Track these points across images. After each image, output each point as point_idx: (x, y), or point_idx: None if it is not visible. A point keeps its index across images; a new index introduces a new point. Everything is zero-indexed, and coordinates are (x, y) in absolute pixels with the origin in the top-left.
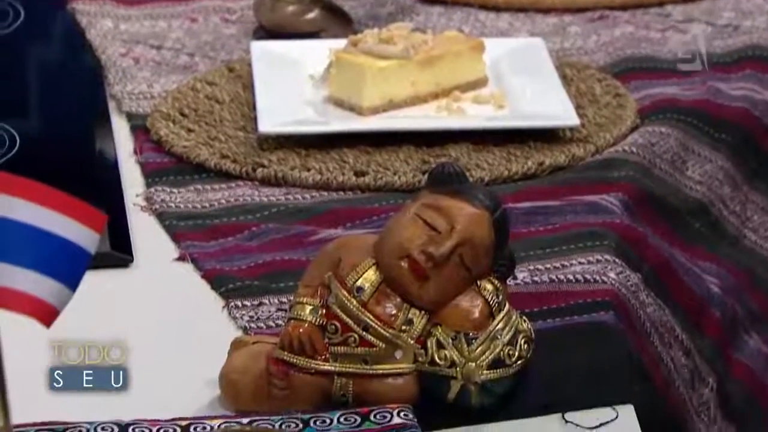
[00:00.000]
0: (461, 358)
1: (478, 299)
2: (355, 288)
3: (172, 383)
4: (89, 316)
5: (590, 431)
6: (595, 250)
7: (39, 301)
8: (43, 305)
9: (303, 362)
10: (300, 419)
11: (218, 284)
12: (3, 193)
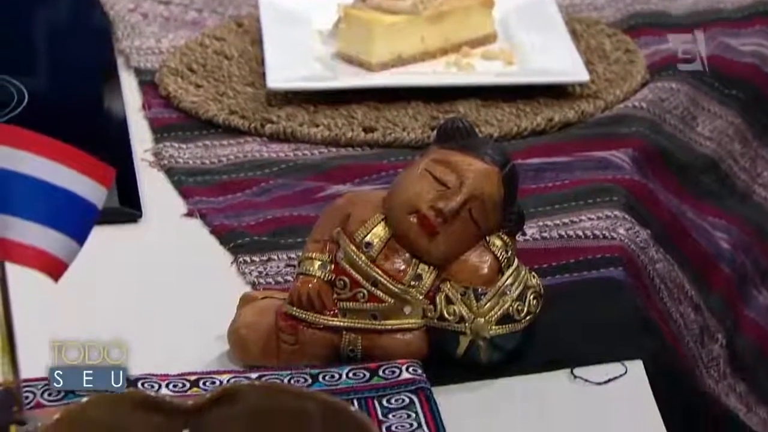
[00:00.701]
0: (470, 314)
1: (487, 255)
2: (364, 243)
3: (180, 338)
4: (97, 271)
5: (599, 386)
6: (604, 206)
7: (47, 255)
8: (51, 259)
9: (312, 317)
10: (309, 374)
11: (227, 240)
12: (11, 147)
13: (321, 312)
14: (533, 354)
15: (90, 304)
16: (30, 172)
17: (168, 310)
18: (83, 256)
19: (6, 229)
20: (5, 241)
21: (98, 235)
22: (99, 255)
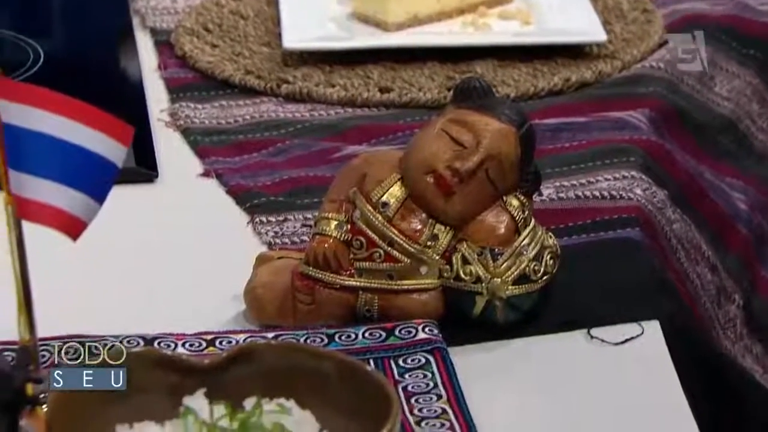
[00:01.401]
0: (486, 274)
1: (503, 215)
2: (381, 203)
3: (197, 298)
4: (114, 231)
5: (615, 347)
6: (621, 166)
7: (65, 214)
8: (70, 218)
9: (328, 277)
10: (325, 334)
11: (243, 200)
12: (29, 105)
13: (337, 272)
14: (550, 314)
15: (107, 264)
16: (48, 131)
17: (184, 269)
18: (100, 215)
19: (24, 188)
20: (23, 199)
21: (114, 195)
22: (115, 215)
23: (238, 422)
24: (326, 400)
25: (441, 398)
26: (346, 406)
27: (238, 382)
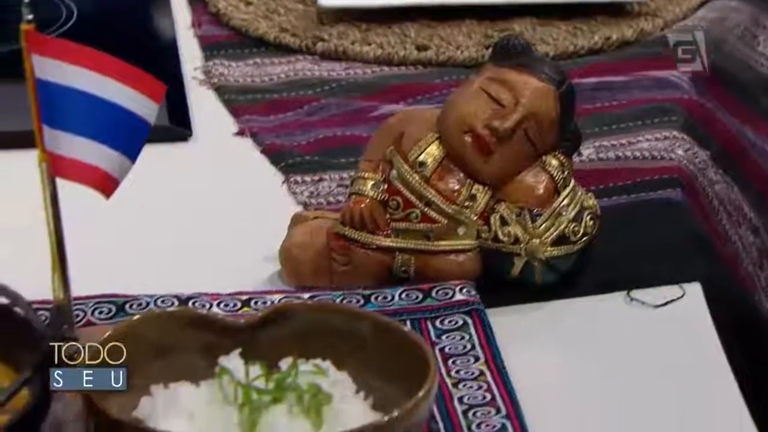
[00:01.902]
0: (525, 235)
1: (542, 175)
2: (418, 163)
3: (231, 258)
4: (149, 190)
5: (656, 309)
6: (662, 126)
7: (99, 171)
8: (103, 175)
9: (364, 238)
10: (361, 295)
11: (278, 159)
12: (62, 61)
13: (373, 232)
14: (589, 276)
15: (140, 223)
16: (81, 87)
17: (218, 229)
18: (134, 174)
19: (58, 145)
20: (57, 157)
21: (148, 153)
22: (149, 174)
23: (274, 382)
24: (363, 362)
25: (478, 360)
26: (382, 368)
27: (274, 342)
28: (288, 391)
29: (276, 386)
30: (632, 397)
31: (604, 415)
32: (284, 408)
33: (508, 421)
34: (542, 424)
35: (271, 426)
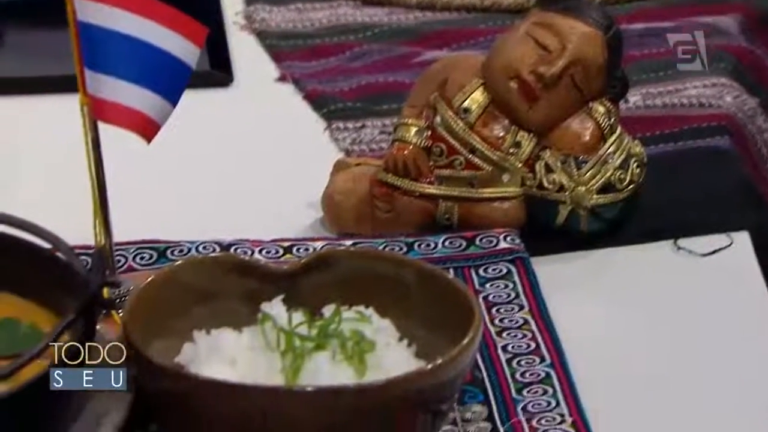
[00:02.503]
0: (570, 182)
1: (589, 122)
2: (462, 109)
3: (273, 204)
4: (190, 136)
5: (703, 258)
6: (710, 73)
7: (140, 115)
8: (145, 119)
9: (407, 185)
10: (404, 242)
11: (320, 105)
12: (105, 4)
13: (416, 179)
14: (635, 224)
15: (181, 168)
16: (123, 30)
17: (260, 176)
18: (174, 119)
19: (100, 89)
20: (99, 100)
21: (189, 99)
22: (190, 119)
23: (317, 329)
24: (406, 309)
25: (523, 309)
26: (426, 315)
27: (317, 289)
28: (331, 338)
29: (319, 333)
30: (678, 347)
31: (649, 365)
32: (327, 355)
33: (553, 370)
34: (587, 373)
35: (314, 373)
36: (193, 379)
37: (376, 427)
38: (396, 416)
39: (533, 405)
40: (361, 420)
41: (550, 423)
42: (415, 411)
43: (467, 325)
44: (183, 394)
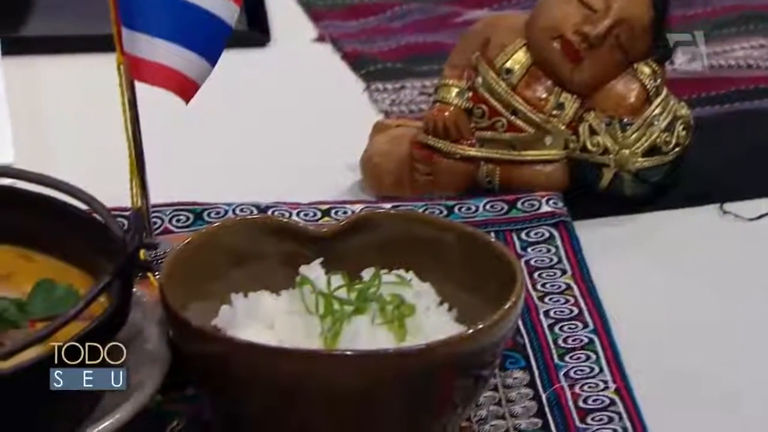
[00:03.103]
0: (615, 145)
1: (634, 83)
2: (504, 70)
3: (311, 167)
4: (228, 96)
5: (750, 222)
6: (758, 34)
7: (179, 75)
8: (183, 79)
9: (448, 147)
10: (444, 205)
11: (359, 66)
12: None
13: (457, 141)
14: (680, 188)
15: (218, 129)
16: None
17: (298, 138)
18: (213, 80)
19: (137, 48)
20: (136, 59)
21: (226, 59)
22: (228, 80)
23: (356, 292)
24: (446, 273)
25: (565, 273)
26: (467, 279)
27: (357, 252)
28: (370, 302)
29: (358, 296)
30: (723, 312)
31: (694, 330)
32: (366, 318)
33: (596, 336)
34: (630, 339)
35: (353, 337)
36: (231, 342)
37: (416, 391)
38: (436, 381)
39: (576, 371)
40: (401, 384)
41: (593, 389)
42: (456, 376)
43: (509, 290)
44: (220, 357)
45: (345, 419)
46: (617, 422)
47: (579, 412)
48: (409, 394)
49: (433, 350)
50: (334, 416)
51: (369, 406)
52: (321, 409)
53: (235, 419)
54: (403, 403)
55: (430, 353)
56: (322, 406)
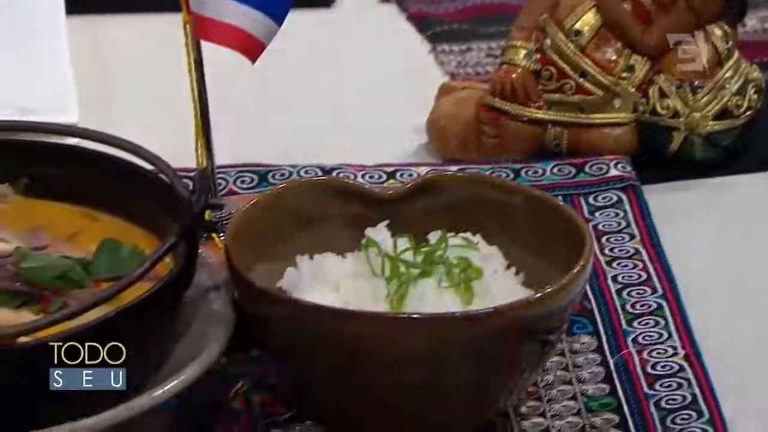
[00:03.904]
0: (685, 108)
1: (705, 45)
2: (573, 31)
3: (376, 129)
4: (293, 56)
5: None
6: None
7: (245, 35)
8: (249, 39)
9: (515, 109)
10: (511, 169)
11: (424, 27)
12: None
13: (525, 104)
14: (751, 151)
15: (283, 90)
16: None
17: (362, 99)
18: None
19: (203, 7)
20: (202, 18)
21: (291, 19)
22: (293, 41)
23: (423, 255)
24: (514, 236)
25: (634, 238)
26: (534, 243)
27: (423, 214)
28: (437, 265)
29: (425, 259)
30: None
31: (764, 296)
32: (433, 282)
33: (665, 302)
34: (699, 305)
35: (419, 300)
36: (296, 304)
37: (483, 355)
38: (503, 345)
39: (644, 337)
40: (467, 348)
41: (662, 355)
42: (523, 340)
43: (577, 254)
44: (285, 319)
45: (410, 383)
46: (686, 388)
47: (647, 378)
48: (475, 357)
49: (500, 314)
50: (399, 380)
51: (435, 369)
52: (386, 373)
53: (300, 381)
54: (470, 367)
55: (498, 317)
56: (387, 370)
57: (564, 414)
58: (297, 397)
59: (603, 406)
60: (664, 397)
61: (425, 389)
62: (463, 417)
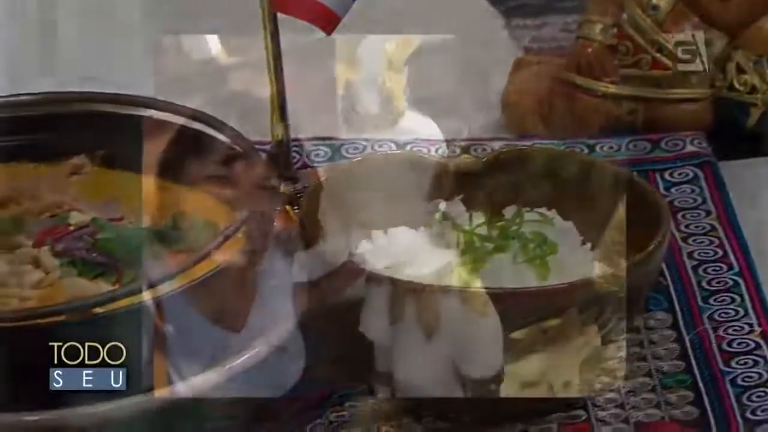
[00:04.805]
0: (763, 84)
1: None
2: (651, 6)
3: (451, 104)
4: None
5: None
6: None
7: (321, 6)
8: (325, 11)
9: (590, 84)
10: (585, 144)
11: (499, 1)
12: None
13: (600, 78)
14: None
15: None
16: None
17: (436, 72)
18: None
19: None
20: None
21: None
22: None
23: (498, 230)
24: (590, 211)
25: (710, 215)
26: (610, 218)
27: (498, 189)
28: (512, 240)
29: (500, 234)
30: None
31: None
32: (508, 257)
33: (741, 279)
34: None
35: (494, 274)
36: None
37: None
38: None
39: (720, 314)
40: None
41: (738, 333)
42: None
43: (654, 230)
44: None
45: None
46: (762, 366)
47: (723, 355)
48: None
49: (576, 290)
50: None
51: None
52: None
53: (371, 353)
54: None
55: (574, 293)
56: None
57: (639, 390)
58: (368, 369)
59: (678, 382)
60: (740, 375)
61: None
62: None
